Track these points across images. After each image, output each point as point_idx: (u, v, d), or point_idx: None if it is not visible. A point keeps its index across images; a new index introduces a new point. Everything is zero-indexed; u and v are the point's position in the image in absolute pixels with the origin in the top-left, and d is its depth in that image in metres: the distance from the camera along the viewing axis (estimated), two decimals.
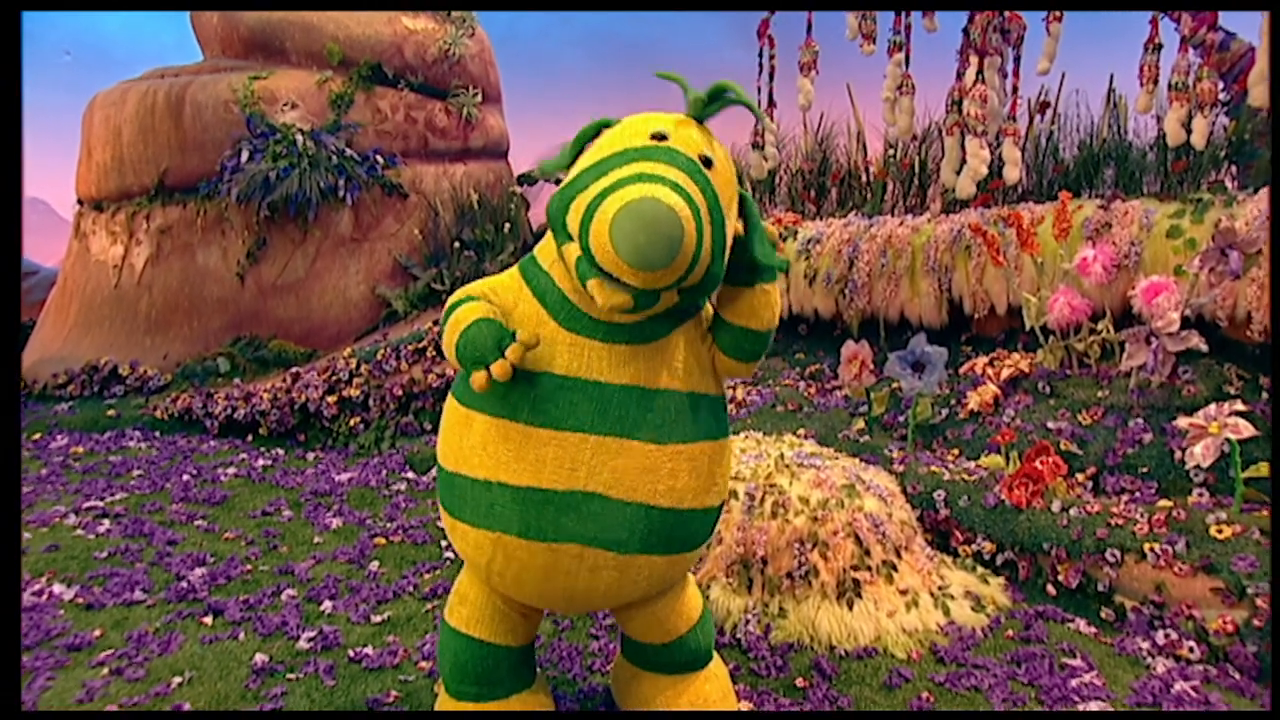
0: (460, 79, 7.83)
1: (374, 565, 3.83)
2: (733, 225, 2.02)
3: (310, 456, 5.83)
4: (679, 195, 1.78)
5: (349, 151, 7.11)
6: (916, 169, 6.20)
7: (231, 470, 5.31)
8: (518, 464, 1.96)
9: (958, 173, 5.46)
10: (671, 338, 2.05)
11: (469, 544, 2.09)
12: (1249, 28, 4.43)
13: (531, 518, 1.97)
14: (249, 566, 3.79)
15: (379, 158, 7.30)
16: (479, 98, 7.90)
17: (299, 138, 6.91)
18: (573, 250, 1.88)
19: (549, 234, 2.05)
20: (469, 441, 2.02)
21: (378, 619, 3.27)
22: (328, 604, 3.40)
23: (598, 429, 1.95)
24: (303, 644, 3.04)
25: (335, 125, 7.20)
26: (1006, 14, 5.24)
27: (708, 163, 1.95)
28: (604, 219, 1.75)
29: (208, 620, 3.24)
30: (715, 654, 2.51)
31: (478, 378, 1.87)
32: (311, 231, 7.11)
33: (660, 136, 1.94)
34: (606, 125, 2.05)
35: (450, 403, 2.13)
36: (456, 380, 2.14)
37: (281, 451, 5.91)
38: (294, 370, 6.57)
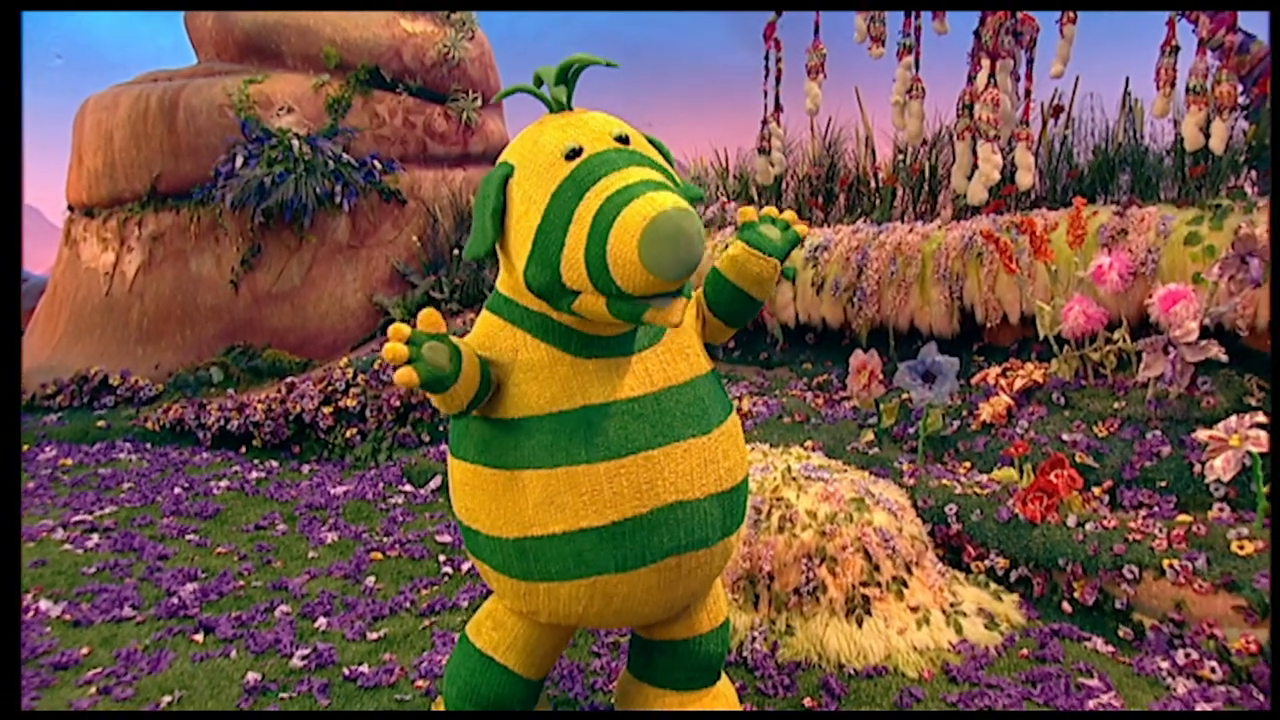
0: (460, 82, 7.85)
1: (370, 581, 3.82)
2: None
3: (305, 469, 5.82)
4: (684, 199, 1.78)
5: (346, 157, 7.13)
6: (927, 174, 6.20)
7: (224, 483, 5.30)
8: (596, 505, 1.95)
9: (969, 178, 5.45)
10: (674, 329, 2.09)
11: (559, 600, 2.05)
12: (1268, 30, 4.43)
13: (627, 550, 1.98)
14: (241, 582, 3.78)
15: (377, 163, 7.31)
16: (479, 101, 7.93)
17: (295, 142, 6.93)
18: (590, 298, 1.84)
19: (503, 265, 2.03)
20: (530, 501, 1.97)
21: (374, 636, 3.26)
22: (322, 621, 3.39)
23: (655, 443, 1.97)
24: (296, 662, 3.03)
25: (332, 130, 7.23)
26: (1019, 15, 5.24)
27: (624, 139, 1.93)
28: (628, 255, 1.71)
29: (199, 637, 3.23)
30: (724, 674, 2.50)
31: (405, 375, 1.74)
32: (307, 238, 7.12)
33: (573, 153, 1.86)
34: (508, 176, 1.95)
35: (471, 468, 2.04)
36: (476, 444, 2.03)
37: (276, 464, 5.90)
38: (289, 380, 6.57)
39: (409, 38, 7.62)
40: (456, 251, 7.30)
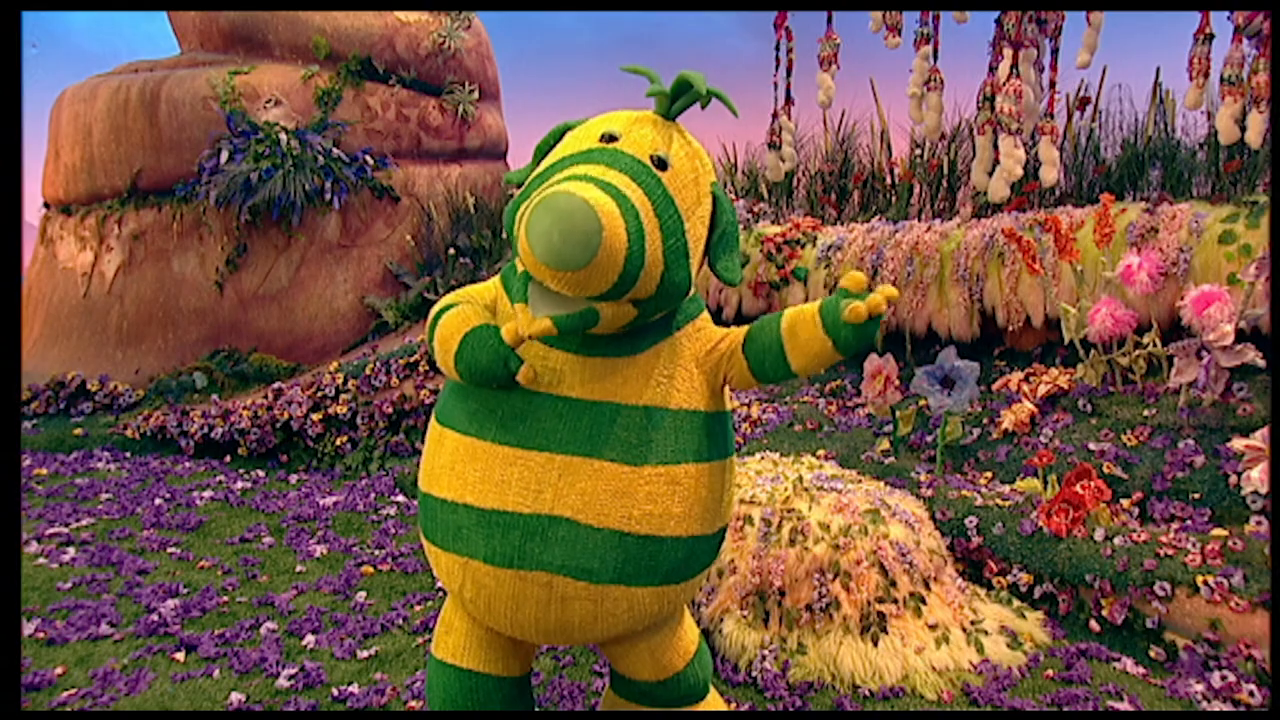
0: (456, 74, 7.86)
1: (361, 596, 3.81)
2: (698, 228, 2.01)
3: (293, 479, 5.82)
4: (605, 193, 1.78)
5: (336, 152, 7.13)
6: (945, 170, 6.20)
7: (208, 493, 5.30)
8: (483, 485, 1.97)
9: (990, 174, 5.44)
10: (656, 350, 2.03)
11: (441, 568, 2.13)
12: None
13: (497, 542, 1.97)
14: (225, 598, 3.77)
15: (368, 158, 7.32)
16: (475, 94, 7.94)
17: (283, 137, 6.94)
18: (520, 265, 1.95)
19: None
20: (440, 460, 2.06)
21: (364, 654, 3.25)
22: (310, 638, 3.38)
23: (566, 448, 1.94)
24: (283, 682, 3.02)
25: (322, 124, 7.24)
26: None
27: (661, 163, 1.94)
28: (522, 219, 1.79)
29: (180, 656, 3.22)
30: (711, 687, 2.49)
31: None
32: (296, 237, 7.13)
33: (610, 138, 1.96)
34: (568, 129, 2.08)
35: (431, 420, 2.17)
36: (441, 399, 2.16)
37: (262, 473, 5.90)
38: (276, 386, 6.58)
39: (402, 27, 7.63)
40: (452, 251, 7.30)
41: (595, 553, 1.95)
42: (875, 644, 3.11)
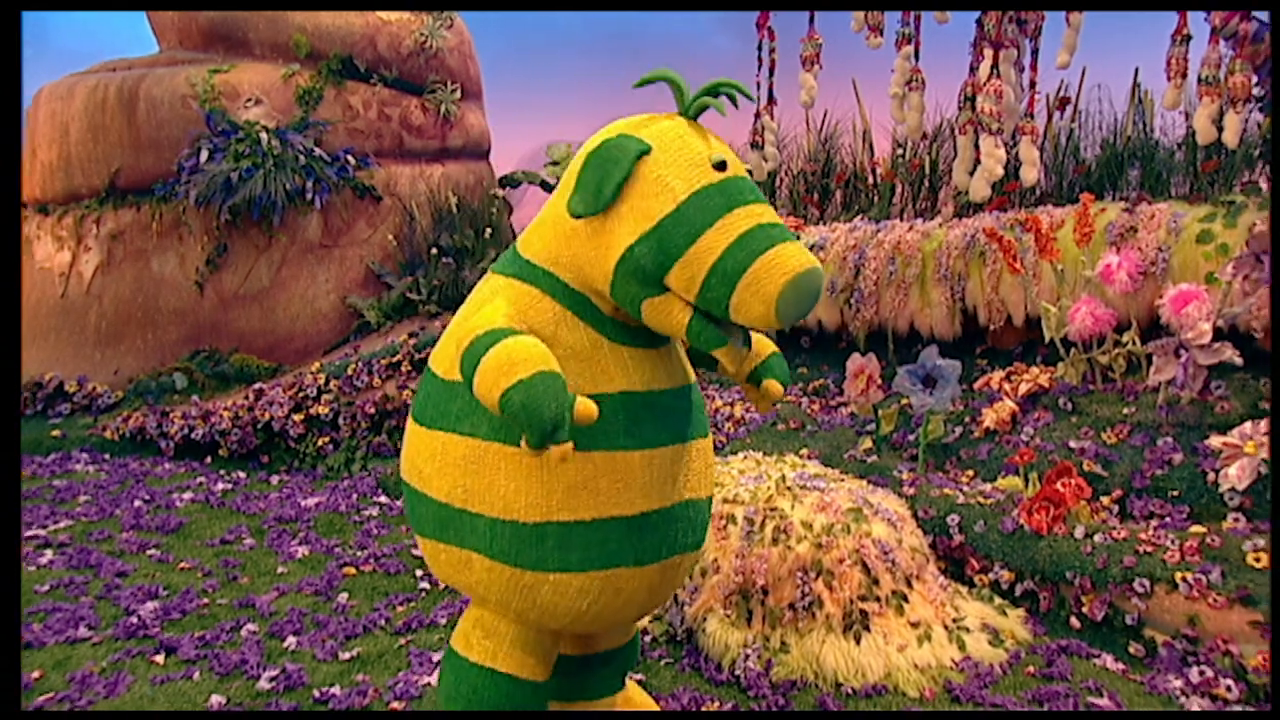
0: (438, 73, 7.84)
1: (343, 597, 3.80)
2: None
3: (274, 480, 5.79)
4: (807, 251, 1.93)
5: (318, 151, 7.10)
6: (927, 170, 6.23)
7: (188, 495, 5.27)
8: (628, 494, 2.02)
9: (971, 174, 5.47)
10: None
11: (564, 595, 2.04)
12: None
13: (646, 544, 2.06)
14: (205, 600, 3.75)
15: (350, 158, 7.29)
16: (458, 93, 7.92)
17: (263, 136, 6.90)
18: (675, 305, 1.95)
19: (537, 232, 2.10)
20: (561, 484, 1.97)
21: (346, 656, 3.24)
22: (291, 640, 3.37)
23: (681, 438, 2.10)
24: (264, 684, 3.01)
25: (303, 123, 7.20)
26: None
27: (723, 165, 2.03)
28: (768, 291, 1.85)
29: (159, 659, 3.20)
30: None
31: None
32: (277, 237, 7.09)
33: (720, 165, 1.97)
34: (644, 153, 1.98)
35: (483, 445, 1.99)
36: (494, 419, 1.96)
37: (243, 474, 5.87)
38: (257, 386, 6.55)
39: (384, 25, 7.60)
40: (434, 251, 7.28)
41: (704, 522, 2.22)
42: (858, 642, 3.12)
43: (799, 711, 2.82)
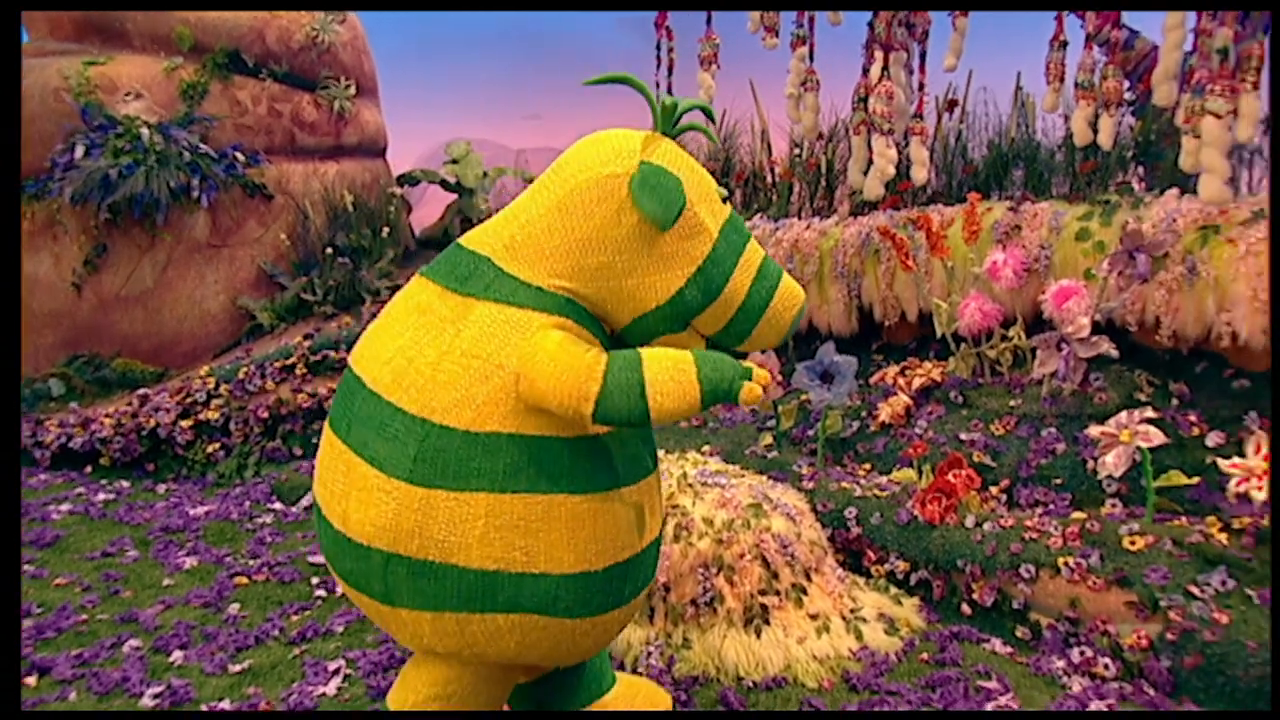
0: (331, 69, 7.64)
1: (234, 608, 3.67)
2: None
3: (161, 488, 5.57)
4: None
5: (204, 148, 6.84)
6: (823, 169, 6.33)
7: (65, 507, 5.02)
8: (657, 514, 2.14)
9: (865, 173, 5.59)
10: None
11: (609, 628, 2.11)
12: (1152, 27, 4.68)
13: (651, 566, 2.16)
14: (84, 616, 3.59)
15: (239, 155, 7.05)
16: (352, 90, 7.73)
17: (145, 131, 6.62)
18: (692, 340, 2.05)
19: (537, 256, 1.98)
20: (623, 522, 2.00)
21: (236, 668, 3.14)
22: (178, 654, 3.24)
23: (655, 464, 2.20)
24: (147, 701, 2.89)
25: (187, 118, 6.93)
26: None
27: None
28: (784, 322, 2.09)
29: (30, 680, 3.04)
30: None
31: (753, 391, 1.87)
32: (161, 236, 6.81)
33: (726, 198, 2.11)
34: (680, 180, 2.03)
35: (545, 500, 1.90)
36: (553, 470, 1.91)
37: (126, 484, 5.63)
38: (141, 392, 6.28)
39: (273, 19, 7.37)
40: (330, 250, 7.10)
41: None
42: (758, 635, 3.16)
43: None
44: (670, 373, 1.81)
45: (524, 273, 1.96)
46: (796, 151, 6.44)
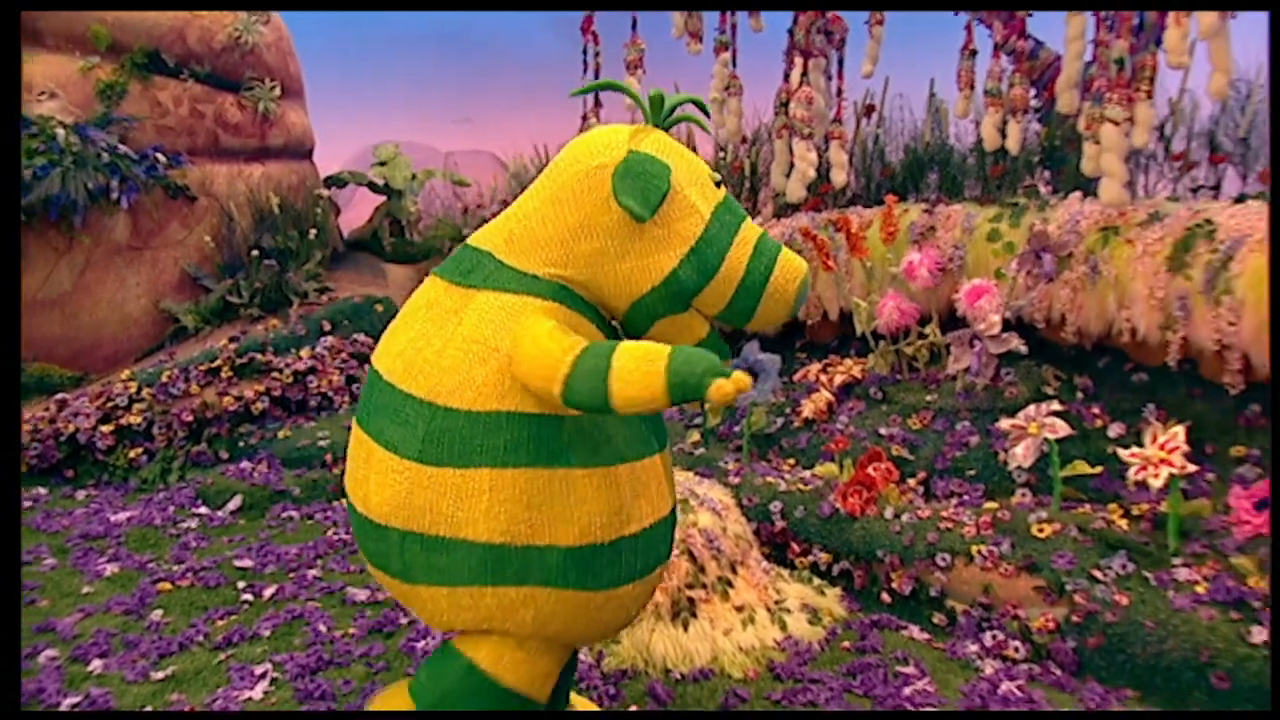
0: (255, 70, 7.49)
1: (156, 615, 3.59)
2: None
3: (80, 495, 5.41)
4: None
5: (123, 149, 6.66)
6: (748, 172, 6.42)
7: None
8: (663, 493, 2.14)
9: (787, 176, 5.68)
10: None
11: (627, 603, 2.11)
12: (1055, 36, 4.85)
13: (673, 536, 2.22)
14: None
15: (160, 156, 6.87)
16: (277, 91, 7.60)
17: (60, 132, 6.42)
18: (695, 321, 2.10)
19: (530, 245, 2.04)
20: (624, 496, 2.01)
21: (159, 675, 3.07)
22: (97, 663, 3.16)
23: (665, 439, 2.24)
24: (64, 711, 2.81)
25: (105, 119, 6.74)
26: (829, 15, 5.51)
27: None
28: (789, 295, 2.10)
29: None
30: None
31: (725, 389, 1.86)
32: (79, 238, 6.61)
33: (719, 182, 2.13)
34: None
35: (547, 473, 1.94)
36: (552, 445, 1.96)
37: (44, 490, 5.46)
38: (60, 397, 6.09)
39: (194, 19, 7.20)
40: (256, 252, 6.97)
41: None
42: (685, 629, 3.20)
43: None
44: (638, 362, 1.84)
45: (521, 263, 2.04)
46: (721, 155, 6.52)
